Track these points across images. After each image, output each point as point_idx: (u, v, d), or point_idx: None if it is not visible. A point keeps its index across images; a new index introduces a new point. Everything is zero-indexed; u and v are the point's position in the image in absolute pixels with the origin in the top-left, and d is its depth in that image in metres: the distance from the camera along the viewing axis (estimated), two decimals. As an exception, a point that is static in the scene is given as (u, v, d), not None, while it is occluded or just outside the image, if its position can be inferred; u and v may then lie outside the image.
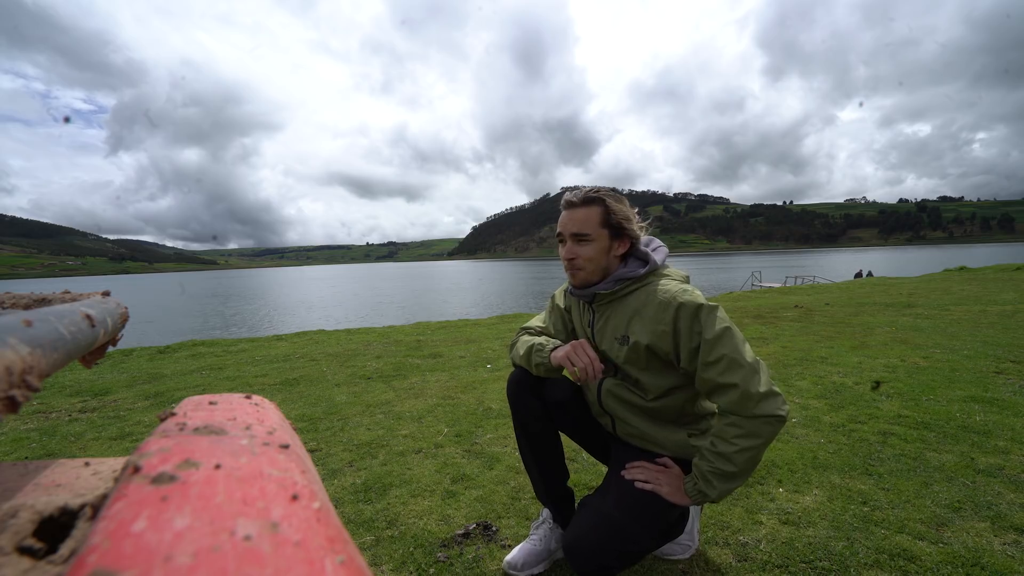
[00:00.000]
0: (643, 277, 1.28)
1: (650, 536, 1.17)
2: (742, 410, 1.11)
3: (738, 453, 1.11)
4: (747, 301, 9.02)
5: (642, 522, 1.17)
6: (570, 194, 1.32)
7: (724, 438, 1.13)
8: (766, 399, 1.10)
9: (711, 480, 1.14)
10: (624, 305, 1.28)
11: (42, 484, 0.29)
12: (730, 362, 1.12)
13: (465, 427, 2.64)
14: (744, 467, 1.12)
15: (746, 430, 1.10)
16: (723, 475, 1.13)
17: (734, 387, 1.11)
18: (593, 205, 1.27)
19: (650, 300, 1.23)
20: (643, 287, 1.27)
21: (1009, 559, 1.40)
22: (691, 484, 1.19)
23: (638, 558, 1.17)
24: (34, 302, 0.39)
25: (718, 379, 1.13)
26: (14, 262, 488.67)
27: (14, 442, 2.65)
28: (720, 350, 1.13)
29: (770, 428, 1.11)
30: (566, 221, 1.30)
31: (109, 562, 0.15)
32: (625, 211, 1.29)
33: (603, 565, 1.12)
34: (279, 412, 0.34)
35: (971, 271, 14.12)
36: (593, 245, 1.27)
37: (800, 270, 41.37)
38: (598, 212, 1.27)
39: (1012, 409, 2.57)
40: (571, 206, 1.30)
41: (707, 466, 1.14)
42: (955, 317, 5.79)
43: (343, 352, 5.04)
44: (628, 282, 1.27)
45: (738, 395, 1.10)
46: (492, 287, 50.18)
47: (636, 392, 1.30)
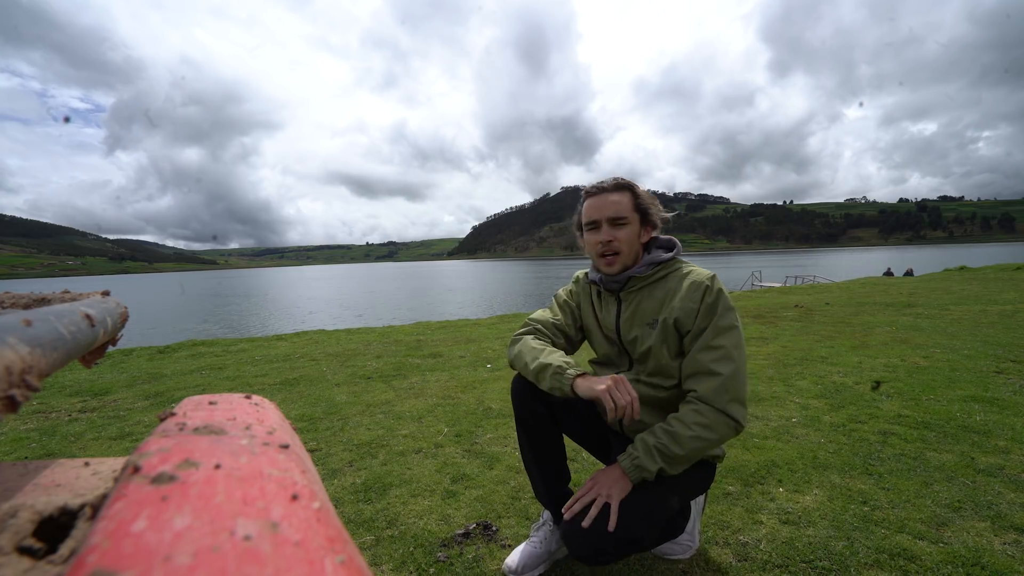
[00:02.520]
0: (671, 262, 1.31)
1: (648, 525, 1.14)
2: (714, 400, 1.15)
3: (691, 439, 1.13)
4: (747, 301, 9.02)
5: (641, 511, 1.15)
6: (597, 182, 1.32)
7: (684, 421, 1.15)
8: (737, 402, 1.16)
9: (654, 455, 1.14)
10: (655, 289, 1.30)
11: (42, 484, 0.28)
12: (726, 355, 1.17)
13: (465, 427, 2.64)
14: (689, 455, 1.14)
15: (708, 421, 1.14)
16: (667, 455, 1.14)
17: (717, 376, 1.16)
18: (624, 190, 1.30)
19: (682, 282, 1.26)
20: (672, 272, 1.31)
21: (1009, 559, 1.40)
22: (628, 461, 1.16)
23: (636, 548, 1.14)
24: (34, 302, 0.39)
25: (709, 364, 1.17)
26: (14, 262, 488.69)
27: (14, 442, 2.65)
28: (723, 340, 1.18)
29: (726, 429, 1.15)
30: (600, 206, 1.29)
31: (109, 562, 0.15)
32: (651, 198, 1.32)
33: (600, 550, 1.11)
34: (279, 412, 0.34)
35: (971, 271, 14.12)
36: (629, 228, 1.28)
37: (800, 270, 41.40)
38: (629, 197, 1.29)
39: (1012, 409, 2.57)
40: (602, 191, 1.30)
41: (655, 441, 1.15)
42: (955, 317, 5.79)
43: (343, 352, 5.04)
44: (659, 266, 1.30)
45: (718, 384, 1.15)
46: (492, 287, 50.19)
47: (653, 384, 1.29)
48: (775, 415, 2.65)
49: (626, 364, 1.37)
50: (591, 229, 1.32)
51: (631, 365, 1.35)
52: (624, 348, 1.36)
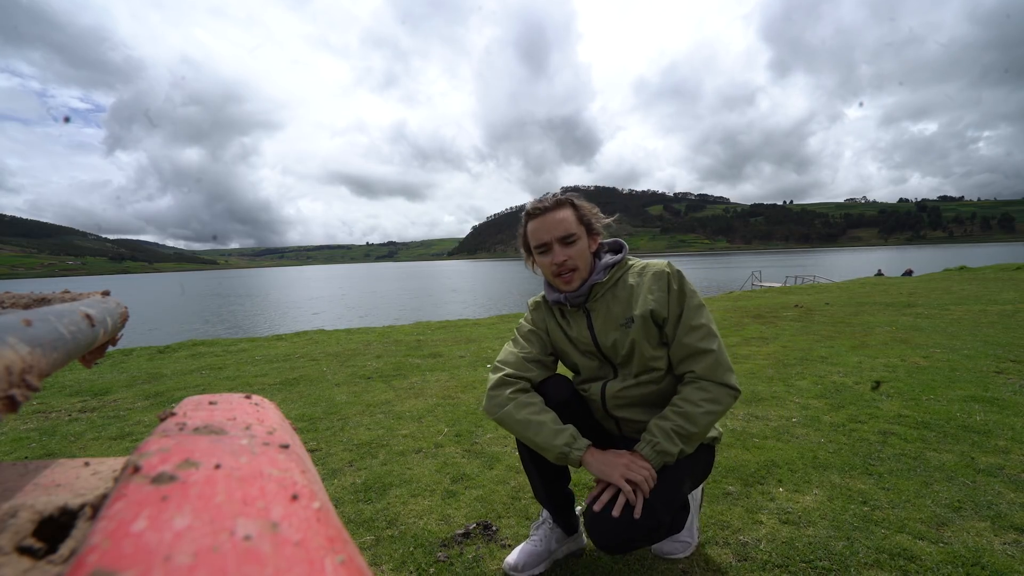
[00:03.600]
0: (623, 261, 1.36)
1: (670, 509, 1.17)
2: (713, 375, 1.22)
3: (703, 415, 1.18)
4: (747, 301, 9.02)
5: (663, 496, 1.17)
6: (536, 202, 1.33)
7: (691, 400, 1.21)
8: (731, 372, 1.24)
9: (673, 438, 1.18)
10: (618, 290, 1.33)
11: (42, 484, 0.28)
12: (708, 331, 1.25)
13: (465, 427, 2.64)
14: (702, 430, 1.19)
15: (713, 395, 1.21)
16: (685, 435, 1.18)
17: (710, 352, 1.23)
18: (565, 207, 1.31)
19: (642, 276, 1.31)
20: (628, 270, 1.35)
21: (1009, 559, 1.40)
22: (649, 448, 1.18)
23: (658, 533, 1.17)
24: (34, 302, 0.39)
25: (698, 344, 1.24)
26: (14, 262, 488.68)
27: (14, 442, 2.65)
28: (701, 318, 1.26)
29: (729, 399, 1.22)
30: (547, 227, 1.28)
31: (109, 562, 0.15)
32: (591, 208, 1.35)
33: (628, 538, 1.14)
34: (279, 412, 0.34)
35: (971, 271, 14.12)
36: (579, 243, 1.30)
37: (800, 270, 41.39)
38: (572, 212, 1.31)
39: (1012, 409, 2.57)
40: (544, 212, 1.30)
41: (670, 424, 1.19)
42: (955, 317, 5.79)
43: (343, 352, 5.05)
44: (614, 268, 1.34)
45: (712, 360, 1.22)
46: (492, 287, 50.17)
47: (642, 383, 1.30)
48: (775, 415, 2.65)
49: (610, 373, 1.36)
50: (542, 252, 1.32)
51: (616, 373, 1.35)
52: (605, 357, 1.35)
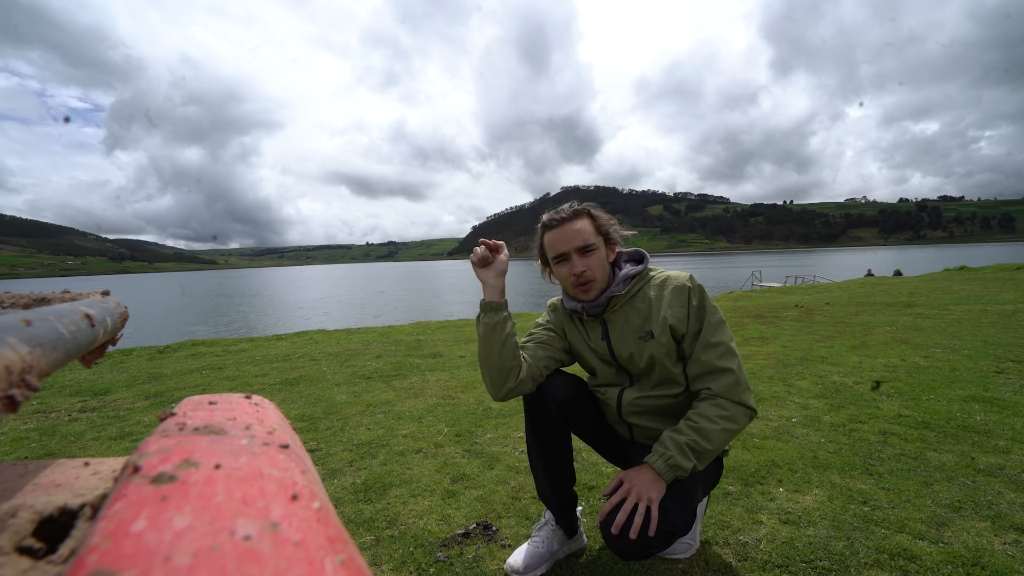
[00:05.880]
0: (644, 272, 1.34)
1: (684, 518, 1.17)
2: (731, 394, 1.21)
3: (719, 432, 1.18)
4: (747, 301, 9.02)
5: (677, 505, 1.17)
6: (553, 214, 1.32)
7: (707, 416, 1.19)
8: (749, 391, 1.23)
9: (687, 453, 1.16)
10: (637, 302, 1.31)
11: (42, 484, 0.28)
12: (727, 349, 1.23)
13: (465, 427, 2.64)
14: (717, 447, 1.18)
15: (730, 413, 1.20)
16: (699, 451, 1.17)
17: (730, 372, 1.21)
18: (582, 217, 1.31)
19: (663, 289, 1.29)
20: (648, 282, 1.33)
21: (1009, 559, 1.40)
22: (661, 461, 1.16)
23: (674, 538, 1.17)
24: (34, 301, 0.39)
25: (716, 362, 1.22)
26: (14, 262, 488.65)
27: (14, 442, 2.65)
28: (720, 336, 1.24)
29: (745, 419, 1.22)
30: (565, 237, 1.29)
31: (109, 562, 0.15)
32: (609, 218, 1.34)
33: (648, 545, 1.14)
34: (279, 412, 0.34)
35: (971, 270, 14.12)
36: (597, 253, 1.29)
37: (800, 270, 41.39)
38: (589, 222, 1.30)
39: (1012, 409, 2.57)
40: (563, 222, 1.30)
41: (685, 439, 1.18)
42: (955, 316, 5.79)
43: (343, 352, 5.05)
44: (634, 279, 1.32)
45: (732, 380, 1.21)
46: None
47: (659, 395, 1.31)
48: (775, 415, 2.65)
49: (627, 381, 1.37)
50: (560, 262, 1.32)
51: (632, 381, 1.36)
52: (622, 367, 1.36)
